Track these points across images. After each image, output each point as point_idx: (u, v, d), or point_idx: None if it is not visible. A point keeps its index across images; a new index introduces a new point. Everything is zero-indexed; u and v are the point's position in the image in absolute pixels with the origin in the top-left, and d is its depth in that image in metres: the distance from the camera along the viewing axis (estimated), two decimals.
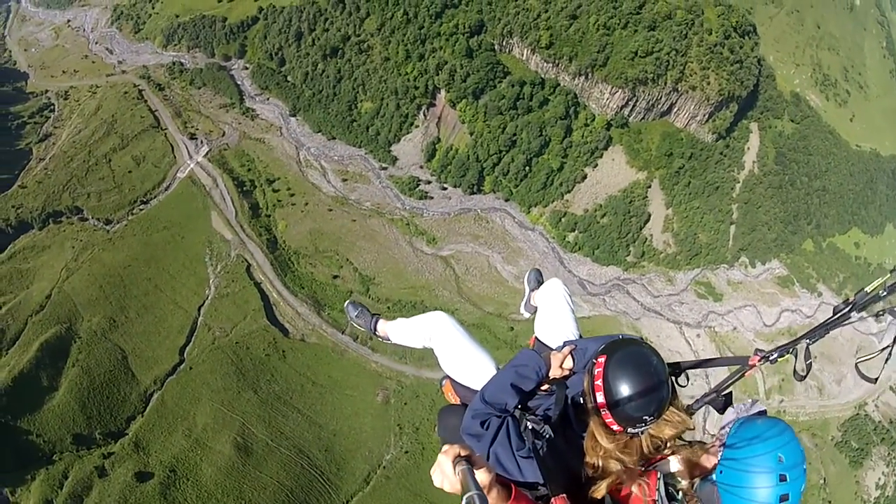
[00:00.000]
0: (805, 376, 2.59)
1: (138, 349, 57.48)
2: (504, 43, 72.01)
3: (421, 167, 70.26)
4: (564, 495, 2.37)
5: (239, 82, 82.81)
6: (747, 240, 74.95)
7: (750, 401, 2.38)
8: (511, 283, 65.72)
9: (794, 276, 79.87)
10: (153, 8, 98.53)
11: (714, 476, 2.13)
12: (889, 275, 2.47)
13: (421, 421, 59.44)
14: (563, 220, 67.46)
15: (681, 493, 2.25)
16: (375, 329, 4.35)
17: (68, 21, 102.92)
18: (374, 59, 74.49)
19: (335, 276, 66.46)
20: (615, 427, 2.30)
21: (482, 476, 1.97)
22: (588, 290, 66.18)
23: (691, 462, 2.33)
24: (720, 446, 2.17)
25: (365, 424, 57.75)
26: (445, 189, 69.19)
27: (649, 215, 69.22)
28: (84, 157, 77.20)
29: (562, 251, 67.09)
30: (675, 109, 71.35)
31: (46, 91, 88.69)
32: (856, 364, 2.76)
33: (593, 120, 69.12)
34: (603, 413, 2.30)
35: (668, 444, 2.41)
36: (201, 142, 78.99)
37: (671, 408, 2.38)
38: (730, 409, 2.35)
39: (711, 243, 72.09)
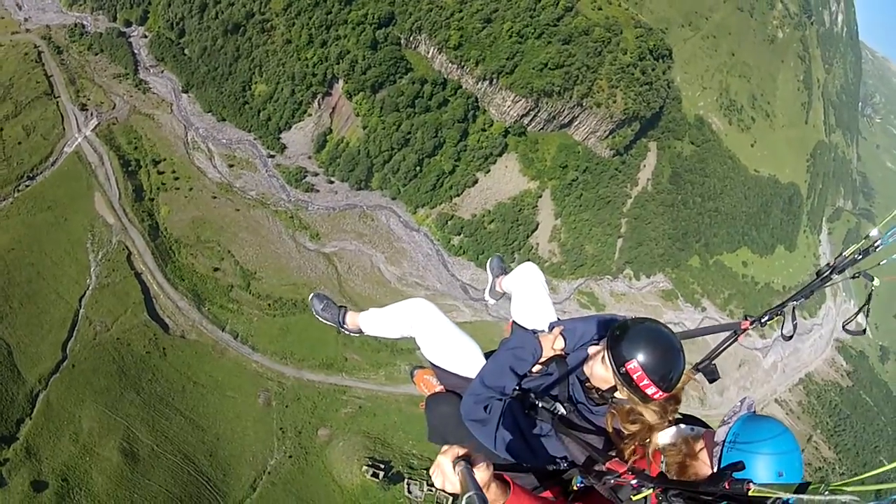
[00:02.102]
0: (791, 336, 2.90)
1: (22, 344, 53.54)
2: (411, 38, 70.74)
3: (309, 158, 68.50)
4: (618, 459, 2.45)
5: (136, 51, 77.78)
6: (634, 253, 78.15)
7: (739, 404, 2.34)
8: (393, 285, 65.78)
9: (679, 290, 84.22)
10: None
11: None
12: (864, 240, 2.59)
13: (303, 424, 58.84)
14: (449, 223, 67.87)
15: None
16: (344, 322, 4.09)
17: None
18: (275, 41, 71.55)
19: (216, 269, 64.23)
20: (658, 395, 2.42)
21: (481, 474, 1.97)
22: (471, 294, 67.24)
23: (685, 456, 2.35)
24: (716, 460, 2.13)
25: (248, 428, 56.65)
26: (332, 183, 67.85)
27: (537, 224, 70.73)
28: None
29: (446, 254, 67.60)
30: (576, 123, 72.62)
31: None
32: (843, 326, 3.14)
33: (491, 125, 69.41)
34: (657, 396, 2.42)
35: (676, 404, 2.55)
36: (91, 114, 74.04)
37: None
38: (721, 429, 2.24)
39: (597, 255, 74.67)
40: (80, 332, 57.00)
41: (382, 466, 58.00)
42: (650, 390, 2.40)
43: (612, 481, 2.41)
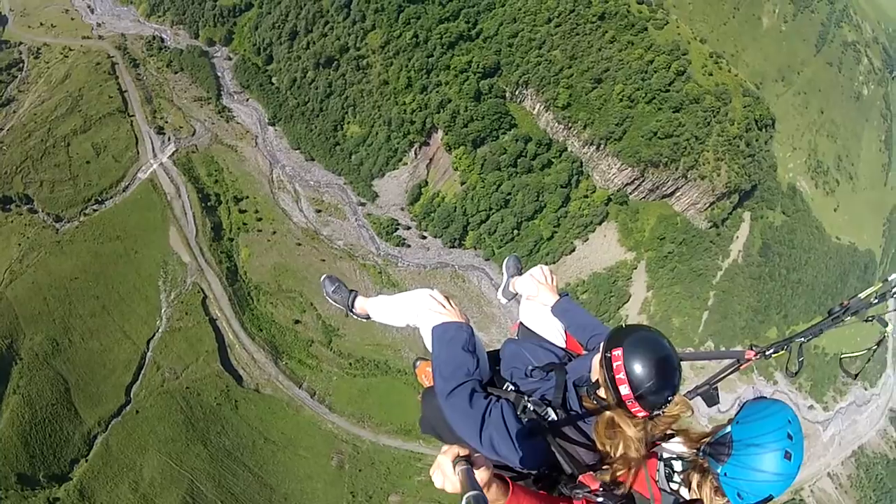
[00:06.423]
0: (796, 373, 2.81)
1: (82, 382, 52.07)
2: (517, 92, 67.07)
3: (402, 209, 65.40)
4: (591, 473, 2.38)
5: (219, 73, 74.54)
6: (717, 327, 75.15)
7: (753, 391, 2.20)
8: None
9: (754, 364, 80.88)
10: None
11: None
12: (881, 284, 2.52)
13: (375, 489, 57.09)
14: None
15: (676, 474, 2.29)
16: (353, 306, 3.91)
17: None
18: (371, 80, 68.11)
19: (297, 321, 61.65)
20: (640, 414, 2.29)
21: (481, 474, 1.98)
22: None
23: (693, 443, 2.34)
24: (727, 424, 2.17)
25: (318, 489, 54.94)
26: (425, 238, 64.83)
27: (630, 296, 67.80)
28: (42, 136, 67.55)
29: None
30: (678, 194, 69.28)
31: (20, 43, 77.12)
32: (840, 359, 3.03)
33: (594, 192, 66.09)
34: (629, 403, 2.28)
35: (669, 428, 2.44)
36: (169, 138, 70.83)
37: None
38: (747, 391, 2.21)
39: (683, 328, 71.73)
40: (147, 377, 55.13)
41: None
42: (623, 389, 2.25)
43: (581, 496, 2.32)
